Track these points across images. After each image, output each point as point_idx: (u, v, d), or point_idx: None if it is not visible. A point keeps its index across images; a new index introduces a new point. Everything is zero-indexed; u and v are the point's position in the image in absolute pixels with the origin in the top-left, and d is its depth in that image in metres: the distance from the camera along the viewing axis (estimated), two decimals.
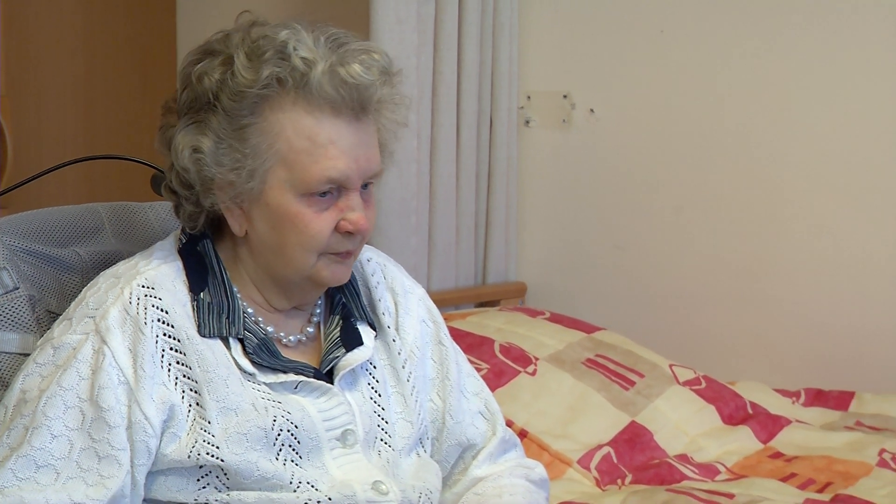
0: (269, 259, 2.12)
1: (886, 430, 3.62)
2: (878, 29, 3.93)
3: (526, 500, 2.28)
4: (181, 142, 2.07)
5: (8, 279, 2.18)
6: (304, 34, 2.06)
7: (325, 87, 2.04)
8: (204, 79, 2.07)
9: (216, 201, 2.09)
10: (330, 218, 2.07)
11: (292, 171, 2.06)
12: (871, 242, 3.99)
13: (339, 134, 2.07)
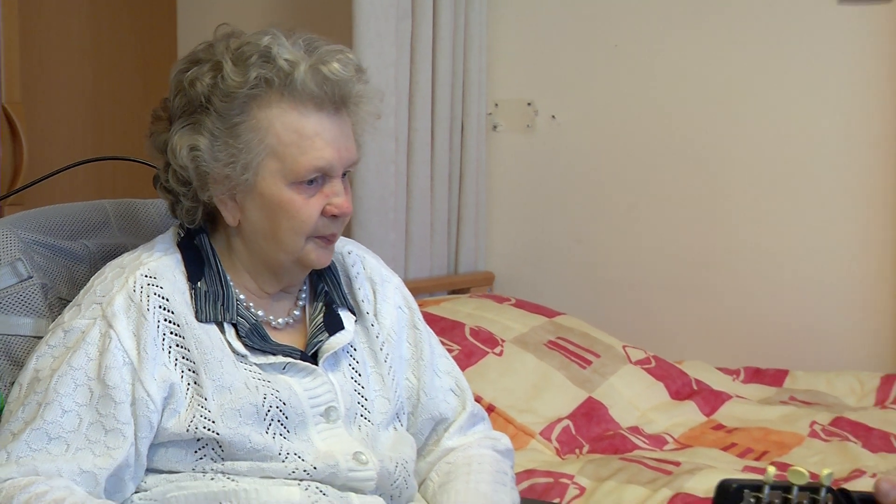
0: (261, 245, 2.13)
1: (816, 404, 3.64)
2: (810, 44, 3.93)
3: (493, 468, 2.28)
4: (178, 142, 2.08)
5: (22, 269, 2.18)
6: (283, 39, 2.08)
7: (309, 84, 2.06)
8: (196, 84, 2.08)
9: (213, 195, 2.09)
10: (317, 203, 2.08)
11: (283, 162, 2.07)
12: (804, 237, 4.00)
13: (322, 126, 2.08)
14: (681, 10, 4.06)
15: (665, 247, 4.13)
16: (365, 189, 3.78)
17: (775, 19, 3.97)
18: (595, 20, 4.16)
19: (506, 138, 4.29)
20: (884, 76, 3.86)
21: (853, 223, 3.94)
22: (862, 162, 3.91)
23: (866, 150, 3.90)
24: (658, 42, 4.10)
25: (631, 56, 4.13)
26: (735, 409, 3.62)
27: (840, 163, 3.94)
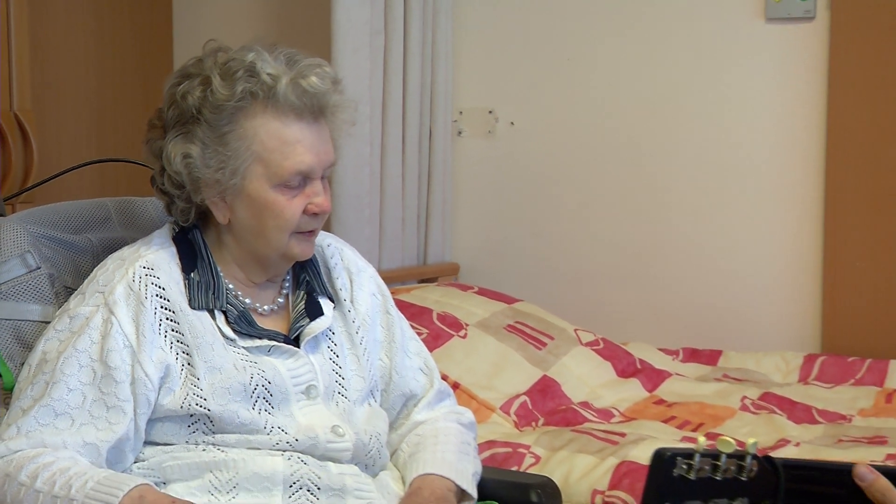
0: (250, 241, 2.13)
1: (746, 381, 3.66)
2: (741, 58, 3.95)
3: (457, 439, 2.28)
4: (172, 150, 2.08)
5: (31, 260, 2.17)
6: (266, 55, 2.08)
7: (290, 97, 2.06)
8: (187, 97, 2.08)
9: (205, 197, 2.09)
10: (299, 203, 2.08)
11: (268, 167, 2.07)
12: (735, 231, 4.01)
13: (303, 134, 2.09)
14: (625, 28, 4.07)
15: (612, 240, 4.14)
16: (343, 188, 3.78)
17: (710, 36, 3.98)
18: (549, 37, 4.16)
19: (469, 143, 4.29)
20: (806, 88, 3.88)
21: (779, 219, 3.95)
22: (786, 164, 3.93)
23: (790, 154, 3.91)
24: (605, 57, 4.10)
25: (581, 69, 4.13)
26: (674, 386, 3.63)
27: (767, 165, 3.95)
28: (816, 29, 3.85)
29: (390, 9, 3.92)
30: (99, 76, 4.03)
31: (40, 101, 3.56)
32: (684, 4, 4.00)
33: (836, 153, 3.84)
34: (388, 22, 3.92)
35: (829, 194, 3.87)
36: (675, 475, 1.53)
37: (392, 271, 3.95)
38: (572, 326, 3.80)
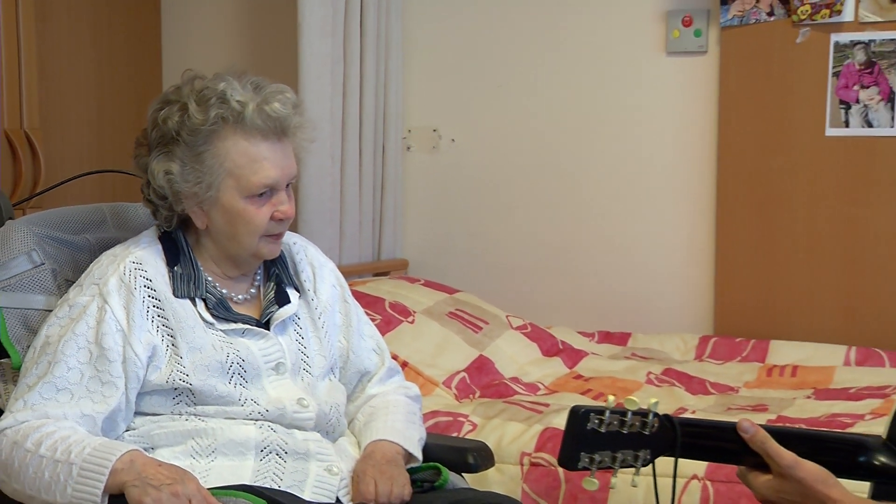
0: (224, 243, 2.13)
1: (651, 358, 3.67)
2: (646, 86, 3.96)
3: (405, 410, 2.29)
4: (156, 168, 2.09)
5: (36, 257, 2.17)
6: (236, 83, 2.08)
7: (256, 121, 2.06)
8: (168, 121, 2.08)
9: (185, 207, 2.10)
10: (267, 211, 2.08)
11: (239, 181, 2.06)
12: (642, 231, 4.02)
13: (269, 152, 2.08)
14: (549, 59, 4.07)
15: (538, 238, 4.14)
16: (308, 195, 3.76)
17: (621, 66, 3.99)
18: (485, 67, 4.16)
19: (417, 157, 4.28)
20: (700, 109, 3.89)
21: (678, 220, 3.97)
22: (684, 173, 3.94)
23: (688, 165, 3.93)
24: (532, 83, 4.10)
25: (512, 94, 4.13)
26: (590, 363, 3.63)
27: (668, 174, 3.97)
28: (708, 61, 3.86)
29: (348, 42, 3.90)
30: (98, 98, 4.01)
31: (47, 120, 3.55)
32: (600, 39, 4.00)
33: (726, 164, 3.86)
34: (346, 53, 3.90)
35: (719, 199, 3.89)
36: (589, 428, 1.54)
37: (350, 266, 3.93)
38: (504, 313, 3.80)
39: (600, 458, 1.56)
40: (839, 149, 3.70)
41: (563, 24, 4.03)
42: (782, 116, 3.76)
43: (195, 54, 4.24)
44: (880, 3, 3.60)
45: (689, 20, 3.85)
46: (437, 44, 4.21)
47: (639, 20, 3.93)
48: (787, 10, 3.70)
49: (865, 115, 3.66)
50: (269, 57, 4.20)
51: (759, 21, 3.74)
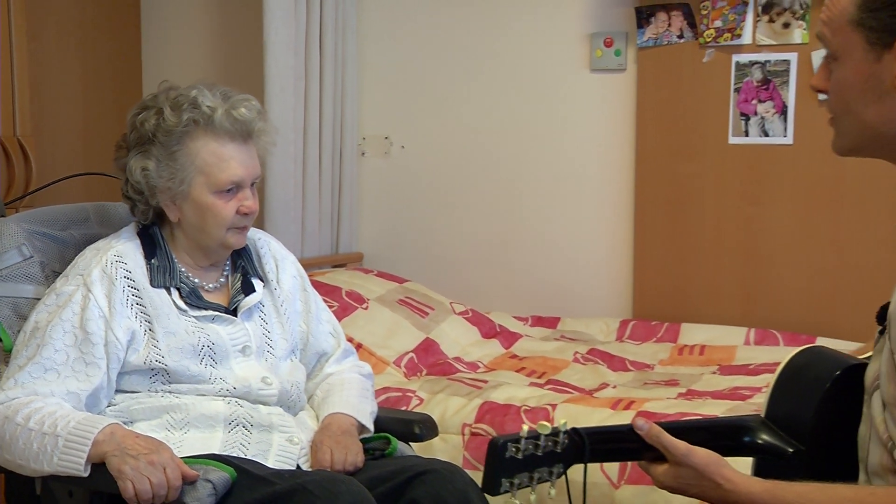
0: (195, 234, 2.12)
1: (578, 340, 3.67)
2: (572, 99, 3.97)
3: (359, 386, 2.29)
4: (134, 165, 2.09)
5: (26, 251, 2.16)
6: (206, 91, 2.08)
7: (225, 124, 2.07)
8: (145, 124, 2.08)
9: (160, 200, 2.09)
10: (233, 205, 2.09)
11: (208, 178, 2.07)
12: (569, 227, 4.03)
13: (235, 152, 2.09)
14: (488, 75, 4.07)
15: (478, 233, 4.14)
16: (273, 195, 3.73)
17: (551, 81, 3.99)
18: (432, 81, 4.15)
19: (371, 161, 4.26)
20: (620, 120, 3.90)
21: (602, 218, 3.98)
22: (606, 176, 3.95)
23: (609, 169, 3.94)
24: (472, 96, 4.10)
25: (455, 106, 4.13)
26: (524, 344, 3.63)
27: (592, 177, 3.97)
28: (627, 78, 3.87)
29: (309, 58, 3.88)
30: (84, 108, 3.97)
31: (38, 128, 3.51)
32: (532, 58, 4.00)
33: (642, 168, 3.87)
34: (307, 69, 3.88)
35: (637, 199, 3.90)
36: (507, 457, 1.52)
37: (311, 259, 3.92)
38: (448, 300, 3.80)
39: (519, 481, 1.54)
40: (740, 155, 3.73)
41: (500, 44, 4.03)
42: (691, 126, 3.78)
43: (172, 68, 4.20)
44: (774, 28, 3.64)
45: (610, 41, 3.86)
46: (388, 61, 4.19)
47: (566, 41, 3.94)
48: (695, 34, 3.72)
49: (762, 125, 3.69)
50: (238, 72, 4.17)
51: (671, 43, 3.76)
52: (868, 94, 1.50)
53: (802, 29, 3.59)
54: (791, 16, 3.60)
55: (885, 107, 1.49)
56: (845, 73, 1.52)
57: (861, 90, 1.50)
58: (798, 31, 3.60)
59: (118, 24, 4.21)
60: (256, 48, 3.76)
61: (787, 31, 3.61)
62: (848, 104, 1.53)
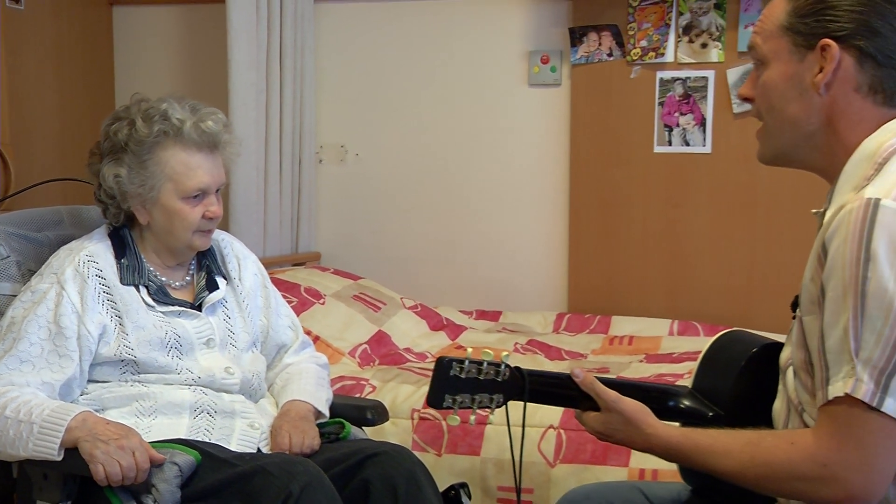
0: (164, 237, 2.10)
1: (518, 332, 3.68)
2: (512, 111, 3.98)
3: (316, 375, 2.28)
4: (107, 172, 2.07)
5: (3, 251, 2.13)
6: (175, 104, 2.07)
7: (193, 135, 2.05)
8: (118, 134, 2.06)
9: (131, 205, 2.07)
10: (199, 210, 2.07)
11: (177, 185, 2.05)
12: (509, 228, 4.04)
13: (202, 161, 2.07)
14: (434, 89, 4.07)
15: (427, 234, 4.14)
16: (238, 199, 3.70)
17: (493, 95, 4.00)
18: (384, 94, 4.14)
19: (327, 168, 4.24)
20: (556, 130, 3.92)
21: (540, 220, 3.99)
22: (544, 181, 3.97)
23: (546, 175, 3.96)
24: (421, 109, 4.10)
25: (405, 117, 4.12)
26: (469, 336, 3.63)
27: (531, 182, 3.99)
28: (562, 92, 3.89)
29: (270, 74, 3.85)
30: (60, 120, 3.92)
31: (16, 137, 3.48)
32: (476, 74, 4.00)
33: (576, 174, 3.90)
34: (268, 84, 3.85)
35: (572, 202, 3.92)
36: (451, 375, 1.55)
37: (273, 258, 3.89)
38: (399, 295, 3.79)
39: (461, 399, 1.57)
40: (664, 163, 3.76)
41: (446, 60, 4.04)
42: (620, 136, 3.80)
43: (142, 82, 4.16)
44: (693, 48, 3.67)
45: (546, 59, 3.88)
46: (343, 76, 4.18)
47: (507, 58, 3.95)
48: (623, 52, 3.75)
49: (684, 136, 3.72)
50: (204, 86, 4.13)
51: (602, 60, 3.78)
52: (791, 92, 1.54)
53: (718, 49, 3.63)
54: (708, 37, 3.64)
55: (805, 102, 1.54)
56: (772, 74, 1.56)
57: (785, 88, 1.55)
58: (715, 51, 3.64)
59: (92, 40, 4.16)
60: (221, 64, 3.73)
61: (705, 50, 3.65)
62: (772, 102, 1.57)
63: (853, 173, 1.51)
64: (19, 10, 3.68)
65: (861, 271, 1.38)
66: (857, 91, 1.52)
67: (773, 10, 1.57)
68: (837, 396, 1.40)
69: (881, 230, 1.38)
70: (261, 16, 3.77)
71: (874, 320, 1.38)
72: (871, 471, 1.41)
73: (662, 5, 3.68)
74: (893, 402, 1.38)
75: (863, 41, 1.50)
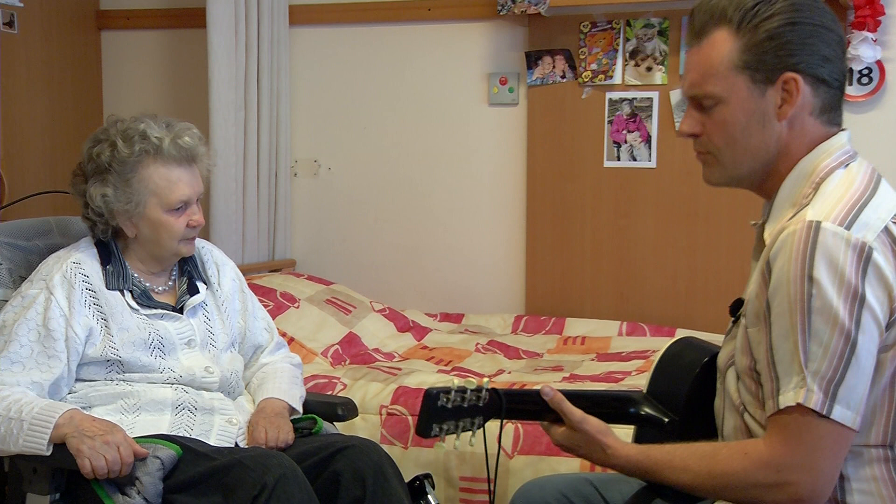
0: (151, 247, 2.09)
1: (479, 332, 3.68)
2: (474, 129, 3.98)
3: (290, 374, 2.27)
4: (94, 192, 2.05)
5: None
6: (153, 123, 2.06)
7: (171, 151, 2.04)
8: (101, 156, 2.05)
9: (119, 222, 2.07)
10: (183, 220, 2.07)
11: (160, 199, 2.04)
12: (472, 236, 4.04)
13: (182, 175, 2.06)
14: (401, 107, 4.07)
15: (394, 242, 4.13)
16: (218, 209, 3.68)
17: (456, 113, 4.00)
18: (355, 113, 4.13)
19: (302, 181, 4.23)
20: (514, 146, 3.93)
21: (499, 229, 4.00)
22: (503, 193, 3.98)
23: (505, 187, 3.97)
24: (388, 125, 4.10)
25: (374, 134, 4.12)
26: (434, 337, 3.63)
27: (491, 193, 4.00)
28: (519, 111, 3.90)
29: (248, 93, 3.83)
30: (51, 137, 3.88)
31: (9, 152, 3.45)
32: (440, 93, 4.00)
33: (532, 186, 3.90)
34: (247, 102, 3.83)
35: (528, 212, 3.93)
36: (439, 405, 1.54)
37: (251, 265, 3.87)
38: (368, 299, 3.78)
39: (447, 427, 1.56)
40: (613, 176, 3.78)
41: (412, 81, 4.04)
42: (572, 152, 3.82)
43: (129, 102, 4.13)
44: (639, 71, 3.70)
45: (504, 80, 3.89)
46: (316, 95, 4.17)
47: (468, 79, 3.95)
48: (575, 75, 3.77)
49: (631, 152, 3.74)
50: (186, 104, 4.11)
51: (555, 82, 3.80)
52: (754, 125, 1.52)
53: (662, 72, 3.66)
54: (653, 61, 3.67)
55: (766, 133, 1.52)
56: (732, 111, 1.52)
57: (747, 122, 1.52)
58: (658, 74, 3.66)
59: (82, 62, 4.12)
60: (202, 84, 3.71)
61: (650, 73, 3.68)
62: (734, 138, 1.53)
63: (792, 191, 1.52)
64: (13, 34, 3.65)
65: (805, 289, 1.39)
66: (811, 114, 1.52)
67: (718, 49, 1.52)
68: (789, 406, 1.41)
69: (822, 251, 1.39)
70: (239, 39, 3.76)
71: (820, 335, 1.39)
72: (821, 474, 1.42)
73: (611, 32, 3.70)
74: (840, 409, 1.40)
75: (819, 70, 1.50)
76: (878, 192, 1.48)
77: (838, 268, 1.39)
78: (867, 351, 1.40)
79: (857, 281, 1.39)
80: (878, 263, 1.40)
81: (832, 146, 1.53)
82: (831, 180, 1.49)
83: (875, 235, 1.42)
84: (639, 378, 2.87)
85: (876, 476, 1.46)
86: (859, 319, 1.39)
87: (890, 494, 1.46)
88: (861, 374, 1.40)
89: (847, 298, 1.38)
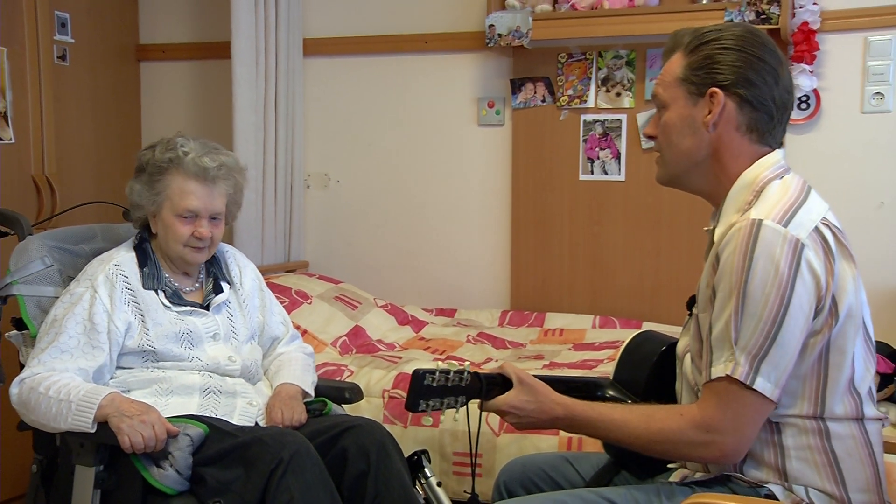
0: (163, 246, 2.11)
1: (470, 325, 3.69)
2: (466, 146, 3.99)
3: (303, 363, 2.29)
4: (131, 184, 2.11)
5: (48, 261, 2.14)
6: (191, 141, 2.08)
7: (191, 167, 2.06)
8: (143, 157, 2.10)
9: (143, 213, 2.10)
10: (189, 229, 2.07)
11: (172, 204, 2.07)
12: (464, 239, 4.04)
13: (196, 189, 2.08)
14: (401, 127, 4.08)
15: (395, 246, 4.14)
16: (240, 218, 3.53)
17: (449, 133, 4.01)
18: (360, 131, 4.14)
19: (314, 192, 4.25)
20: (500, 163, 3.93)
21: (486, 235, 4.01)
22: (490, 204, 3.99)
23: (493, 198, 3.98)
24: (391, 143, 4.11)
25: (378, 150, 4.13)
26: (430, 330, 3.64)
27: (480, 203, 4.00)
28: (505, 131, 3.91)
29: (266, 116, 3.86)
30: (97, 153, 3.89)
31: (61, 168, 3.47)
32: (435, 115, 4.01)
33: (517, 197, 3.91)
34: (265, 123, 3.86)
35: (513, 220, 3.93)
36: (425, 384, 1.56)
37: (269, 266, 3.89)
38: (372, 296, 3.79)
39: (433, 404, 1.58)
40: (587, 188, 3.79)
41: (411, 104, 4.05)
42: (551, 167, 3.83)
43: (164, 124, 4.15)
44: (610, 96, 3.72)
45: (492, 103, 3.91)
46: (327, 117, 4.19)
47: (460, 103, 3.97)
48: (554, 99, 3.78)
49: (603, 167, 3.76)
50: (213, 126, 4.13)
51: (537, 105, 3.82)
52: (686, 130, 1.59)
53: (630, 97, 3.68)
54: (622, 87, 3.70)
55: (696, 138, 1.59)
56: (671, 116, 1.61)
57: (681, 127, 1.60)
58: (627, 99, 3.69)
59: (123, 89, 4.15)
60: (227, 108, 3.74)
61: (619, 98, 3.70)
62: (671, 139, 1.62)
63: (736, 198, 1.57)
64: (65, 66, 3.71)
65: (744, 276, 1.44)
66: (738, 130, 1.58)
67: (672, 65, 1.62)
68: (719, 377, 1.46)
69: (762, 244, 1.44)
70: (259, 69, 3.78)
71: (752, 316, 1.43)
72: (742, 436, 1.47)
73: (585, 62, 3.73)
74: (762, 381, 1.44)
75: (742, 90, 1.56)
76: (808, 199, 1.53)
77: (774, 259, 1.43)
78: (790, 334, 1.44)
79: (790, 272, 1.43)
80: (808, 258, 1.45)
81: (769, 161, 1.59)
82: (770, 188, 1.54)
83: (807, 234, 1.47)
84: (610, 365, 2.87)
85: (811, 445, 1.50)
86: (788, 305, 1.43)
87: (822, 461, 1.50)
88: (783, 354, 1.44)
89: (779, 286, 1.43)
